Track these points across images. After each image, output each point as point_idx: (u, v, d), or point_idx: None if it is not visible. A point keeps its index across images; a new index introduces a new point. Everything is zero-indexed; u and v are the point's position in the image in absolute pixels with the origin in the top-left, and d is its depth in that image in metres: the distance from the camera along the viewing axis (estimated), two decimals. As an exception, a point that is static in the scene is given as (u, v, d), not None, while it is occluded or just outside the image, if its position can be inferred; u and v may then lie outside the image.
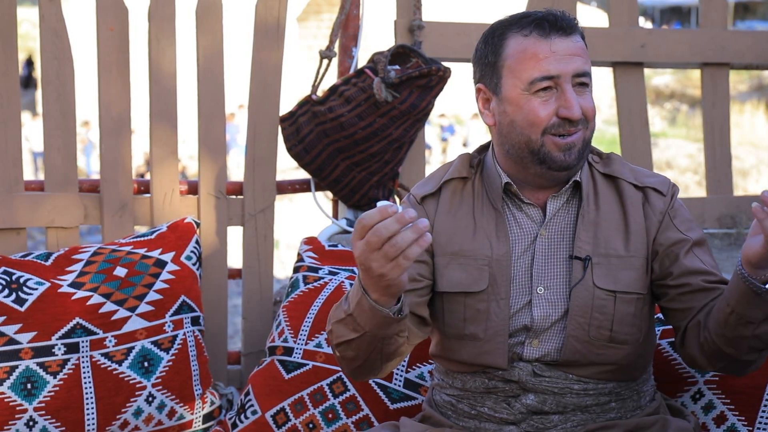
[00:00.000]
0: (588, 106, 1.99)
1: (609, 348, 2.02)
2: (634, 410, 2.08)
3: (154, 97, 3.07)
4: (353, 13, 3.28)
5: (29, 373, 2.55)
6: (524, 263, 2.05)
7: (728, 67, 3.80)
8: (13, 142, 2.94)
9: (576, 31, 2.00)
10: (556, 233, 2.06)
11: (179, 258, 2.80)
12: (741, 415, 2.14)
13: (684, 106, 20.63)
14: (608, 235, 2.04)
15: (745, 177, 15.52)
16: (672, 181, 2.12)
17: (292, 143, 3.17)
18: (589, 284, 2.01)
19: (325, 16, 19.55)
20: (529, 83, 1.97)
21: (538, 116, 1.97)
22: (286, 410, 2.61)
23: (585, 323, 2.00)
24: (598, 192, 2.08)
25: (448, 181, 2.14)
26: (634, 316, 2.03)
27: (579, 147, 2.00)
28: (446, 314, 2.09)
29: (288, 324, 2.72)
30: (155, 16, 3.06)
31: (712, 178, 3.81)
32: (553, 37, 1.97)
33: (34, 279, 2.65)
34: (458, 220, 2.10)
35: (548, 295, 2.03)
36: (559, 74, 1.96)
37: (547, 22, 1.97)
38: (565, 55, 1.96)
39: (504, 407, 2.05)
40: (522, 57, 1.98)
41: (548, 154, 1.99)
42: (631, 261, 2.03)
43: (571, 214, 2.07)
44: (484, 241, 2.06)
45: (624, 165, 2.12)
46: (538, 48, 1.97)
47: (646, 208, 2.06)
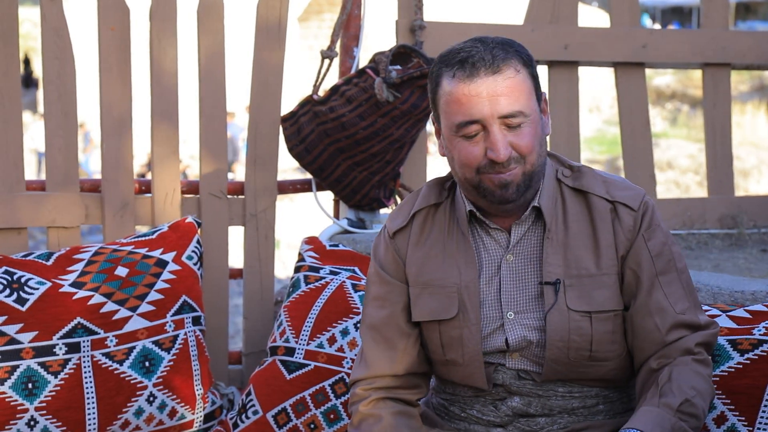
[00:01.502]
0: (521, 143, 1.93)
1: (590, 366, 2.02)
2: (624, 412, 2.08)
3: (155, 97, 3.07)
4: (354, 13, 3.28)
5: (30, 373, 2.55)
6: (493, 288, 2.05)
7: (729, 67, 3.80)
8: (15, 141, 2.94)
9: (506, 66, 1.93)
10: (523, 258, 2.04)
11: (180, 258, 2.80)
12: (741, 415, 2.14)
13: (685, 107, 20.60)
14: (578, 254, 2.01)
15: (746, 177, 15.51)
16: (646, 195, 2.06)
17: (293, 143, 3.17)
18: (563, 308, 1.99)
19: (326, 16, 19.54)
20: (456, 126, 1.95)
21: (467, 158, 1.95)
22: (288, 410, 2.60)
23: (564, 347, 1.99)
24: (567, 210, 2.04)
25: (418, 212, 2.13)
26: (612, 333, 2.01)
27: (517, 182, 1.96)
28: (427, 341, 2.11)
29: (289, 324, 2.72)
30: (156, 16, 3.06)
31: (713, 179, 3.81)
32: (476, 79, 1.91)
33: (35, 279, 2.65)
34: (428, 250, 2.10)
35: (520, 319, 2.02)
36: (483, 117, 1.92)
37: (468, 63, 1.92)
38: (488, 97, 1.91)
39: (491, 410, 2.07)
40: (448, 100, 1.95)
41: (487, 189, 1.97)
42: (603, 279, 2.00)
43: (537, 237, 2.04)
44: (452, 268, 2.07)
45: (595, 178, 2.06)
46: (461, 91, 1.93)
47: (615, 225, 2.02)
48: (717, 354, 2.21)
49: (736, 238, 3.76)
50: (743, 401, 2.14)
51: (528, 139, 1.94)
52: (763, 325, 2.22)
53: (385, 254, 2.14)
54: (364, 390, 2.10)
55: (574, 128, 3.67)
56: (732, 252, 3.62)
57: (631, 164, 3.72)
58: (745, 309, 2.29)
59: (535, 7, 3.61)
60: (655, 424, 1.85)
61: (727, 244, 3.74)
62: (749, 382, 2.15)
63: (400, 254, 2.12)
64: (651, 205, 2.05)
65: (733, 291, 2.62)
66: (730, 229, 3.79)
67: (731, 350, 2.19)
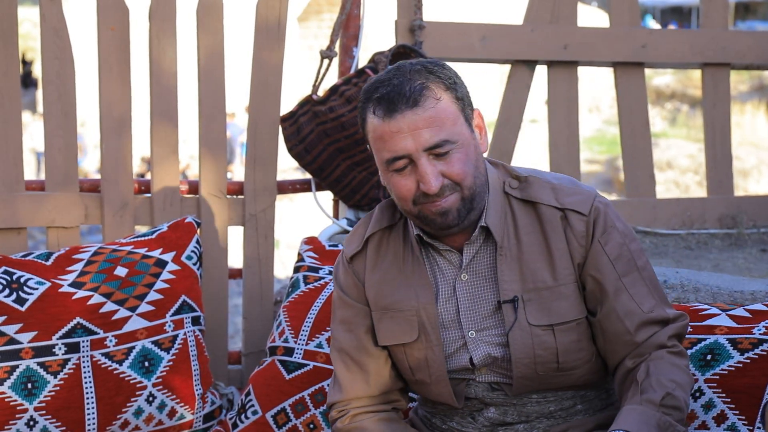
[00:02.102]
0: (452, 171, 1.92)
1: (561, 376, 2.02)
2: (603, 409, 2.09)
3: (154, 97, 3.07)
4: (354, 13, 3.28)
5: (30, 373, 2.55)
6: (451, 308, 2.05)
7: (729, 67, 3.80)
8: (14, 141, 2.94)
9: (424, 98, 1.90)
10: (478, 276, 2.04)
11: (180, 258, 2.80)
12: (741, 414, 2.14)
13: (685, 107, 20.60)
14: (534, 267, 2.00)
15: (745, 177, 15.51)
16: (597, 196, 2.04)
17: (292, 143, 3.17)
18: (524, 324, 1.99)
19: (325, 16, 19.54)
20: (385, 163, 1.94)
21: (402, 192, 1.95)
22: (287, 410, 2.61)
23: (530, 363, 1.99)
24: (517, 223, 2.02)
25: (372, 236, 2.12)
26: (578, 341, 2.01)
27: (456, 207, 1.95)
28: (396, 363, 2.12)
29: (289, 324, 2.72)
30: (156, 16, 3.06)
31: (713, 179, 3.81)
32: (396, 115, 1.89)
33: (34, 279, 2.65)
34: (384, 274, 2.10)
35: (483, 337, 2.03)
36: (407, 153, 1.90)
37: (385, 100, 1.90)
38: (410, 132, 1.89)
39: (469, 422, 2.08)
40: (374, 137, 1.95)
41: (427, 218, 1.96)
42: (560, 290, 1.99)
43: (490, 255, 2.03)
44: (409, 291, 2.06)
45: (544, 186, 2.04)
46: (384, 129, 1.91)
47: (568, 232, 2.00)
48: (717, 353, 2.21)
49: (735, 238, 3.76)
50: (743, 400, 2.14)
51: (459, 166, 1.92)
52: (763, 324, 2.22)
53: (345, 278, 2.15)
54: (339, 412, 2.12)
55: (573, 128, 3.67)
56: (732, 252, 3.62)
57: (631, 164, 3.73)
58: (745, 308, 2.30)
59: (534, 7, 3.61)
60: (641, 423, 1.85)
61: (727, 243, 3.74)
62: (749, 382, 2.15)
63: (359, 278, 2.12)
64: (602, 206, 2.02)
65: (732, 291, 2.63)
66: (730, 229, 3.79)
67: (731, 349, 2.20)
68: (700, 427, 2.18)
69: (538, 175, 2.06)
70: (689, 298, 2.65)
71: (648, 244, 3.68)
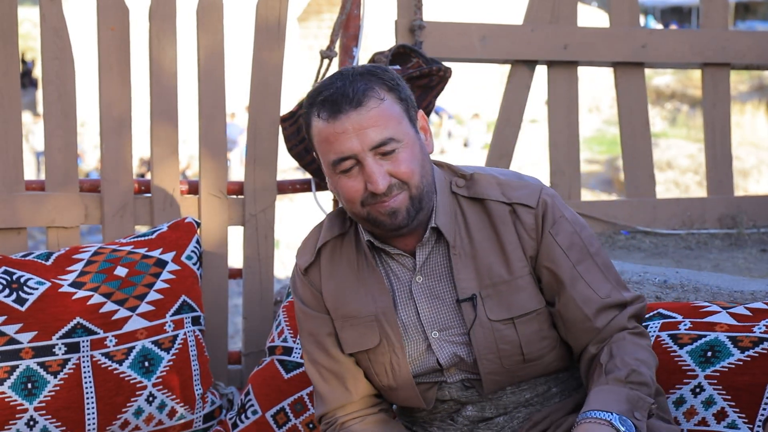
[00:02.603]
0: (399, 170, 1.92)
1: (527, 367, 2.03)
2: (578, 387, 2.10)
3: (154, 97, 3.07)
4: (354, 13, 3.28)
5: (30, 373, 2.55)
6: (410, 311, 2.05)
7: (729, 67, 3.80)
8: (14, 141, 2.94)
9: (367, 98, 1.91)
10: (433, 277, 2.04)
11: (180, 258, 2.80)
12: (741, 412, 2.14)
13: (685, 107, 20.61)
14: (488, 263, 2.00)
15: (745, 177, 15.51)
16: (544, 188, 2.05)
17: (292, 143, 3.16)
18: (485, 321, 2.00)
19: (325, 16, 19.55)
20: (332, 165, 1.95)
21: (349, 194, 1.95)
22: (286, 410, 2.61)
23: (495, 358, 2.00)
24: (467, 221, 2.04)
25: (324, 245, 2.12)
26: (539, 331, 2.02)
27: (405, 207, 1.95)
28: (363, 370, 2.12)
29: (288, 324, 2.72)
30: (156, 16, 3.06)
31: (713, 179, 3.81)
32: (340, 116, 1.91)
33: (34, 279, 2.65)
34: (340, 282, 2.10)
35: (446, 337, 2.03)
36: (354, 152, 1.91)
37: (328, 102, 1.92)
38: (355, 132, 1.90)
39: (450, 423, 2.08)
40: (319, 140, 1.96)
41: (376, 219, 1.96)
42: (517, 282, 2.00)
43: (443, 255, 2.04)
44: (366, 297, 2.06)
45: (490, 182, 2.05)
46: (329, 131, 1.93)
47: (518, 226, 2.01)
48: (718, 350, 2.21)
49: (735, 238, 3.76)
50: (744, 398, 2.14)
51: (406, 165, 1.93)
52: (764, 323, 2.22)
53: (303, 290, 2.14)
54: (326, 424, 2.13)
55: (573, 128, 3.67)
56: (731, 252, 3.62)
57: (631, 164, 3.73)
58: (746, 306, 2.30)
59: (534, 7, 3.61)
60: (610, 401, 1.86)
61: (727, 243, 3.74)
62: (750, 380, 2.16)
63: (316, 288, 2.12)
64: (549, 198, 2.04)
65: (732, 291, 2.63)
66: (730, 229, 3.79)
67: (732, 347, 2.20)
68: (700, 423, 2.18)
69: (483, 171, 2.08)
70: (689, 298, 2.65)
71: (648, 244, 3.68)
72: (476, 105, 20.96)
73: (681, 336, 2.29)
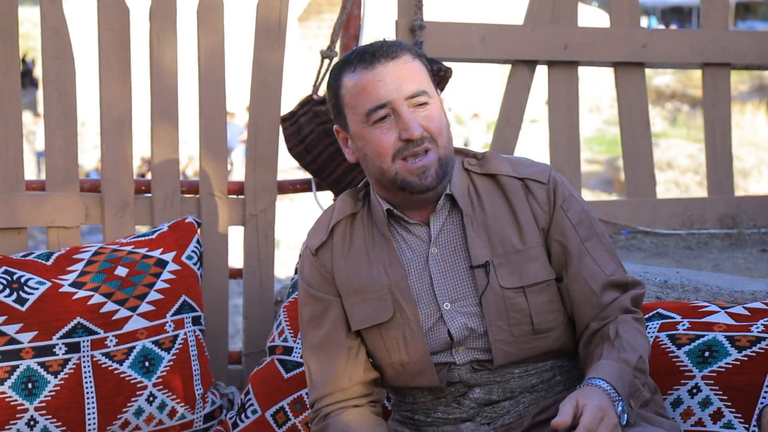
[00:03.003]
0: (431, 124, 2.00)
1: (536, 339, 2.05)
2: (580, 378, 2.10)
3: (155, 97, 3.07)
4: (354, 13, 3.28)
5: (30, 373, 2.55)
6: (425, 283, 2.07)
7: (729, 67, 3.80)
8: (14, 141, 2.94)
9: (402, 53, 2.01)
10: (447, 248, 2.08)
11: (180, 258, 2.80)
12: (738, 412, 2.15)
13: (685, 107, 20.61)
14: (501, 233, 2.06)
15: (746, 177, 15.51)
16: (552, 170, 2.13)
17: (293, 143, 3.17)
18: (496, 287, 2.03)
19: (326, 15, 19.54)
20: (366, 115, 2.01)
21: (382, 145, 2.00)
22: (286, 409, 2.61)
23: (504, 325, 2.03)
24: (480, 194, 2.09)
25: (337, 224, 2.15)
26: (550, 302, 2.06)
27: (434, 168, 2.01)
28: (371, 348, 2.13)
29: (288, 324, 2.72)
30: (156, 16, 3.06)
31: (713, 179, 3.81)
32: (376, 66, 2.00)
33: (35, 279, 2.65)
34: (353, 258, 2.12)
35: (458, 308, 2.05)
36: (390, 99, 1.98)
37: (367, 53, 2.01)
38: (392, 80, 1.99)
39: (455, 407, 2.09)
40: (354, 92, 2.02)
41: (404, 180, 2.01)
42: (530, 252, 2.06)
43: (457, 225, 2.08)
44: (379, 270, 2.09)
45: (502, 160, 2.13)
46: (365, 80, 2.00)
47: (530, 199, 2.08)
48: (715, 350, 2.22)
49: (735, 238, 3.76)
50: (740, 398, 2.14)
51: (437, 120, 2.01)
52: (762, 322, 2.23)
53: (311, 273, 2.16)
54: (314, 411, 2.14)
55: (574, 128, 3.67)
56: (732, 252, 3.62)
57: (631, 164, 3.73)
58: (744, 306, 2.30)
59: (535, 7, 3.61)
60: (618, 378, 1.90)
61: (727, 244, 3.74)
62: (746, 379, 2.16)
63: (326, 269, 2.14)
64: (560, 177, 2.13)
65: (732, 291, 2.63)
66: (730, 229, 3.79)
67: (729, 347, 2.20)
68: (696, 424, 2.19)
69: (494, 152, 2.16)
70: (689, 298, 2.66)
71: (648, 244, 3.68)
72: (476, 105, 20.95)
73: (679, 336, 2.29)
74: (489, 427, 2.07)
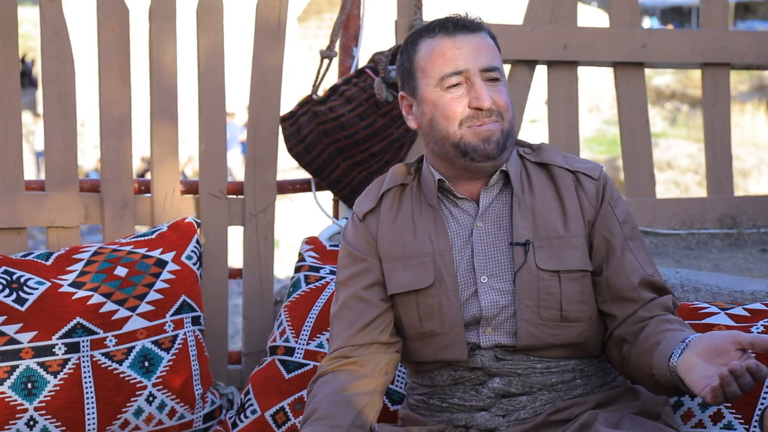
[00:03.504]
0: (500, 100, 2.06)
1: (562, 327, 2.06)
2: (600, 386, 2.12)
3: (154, 97, 3.07)
4: (354, 13, 3.28)
5: (30, 373, 2.55)
6: (465, 256, 2.11)
7: (729, 67, 3.80)
8: (14, 141, 2.94)
9: (481, 29, 2.10)
10: (493, 224, 2.12)
11: (180, 258, 2.80)
12: (738, 413, 2.14)
13: (685, 106, 20.59)
14: (546, 218, 2.10)
15: (745, 177, 15.50)
16: (603, 170, 2.18)
17: (292, 143, 3.16)
18: (533, 267, 2.06)
19: (325, 15, 19.53)
20: (440, 79, 2.06)
21: (452, 110, 2.06)
22: (286, 410, 2.61)
23: (534, 305, 2.05)
24: (531, 179, 2.14)
25: (387, 192, 2.20)
26: (581, 293, 2.07)
27: (498, 137, 2.06)
28: (403, 316, 2.14)
29: (290, 324, 2.72)
30: (156, 16, 3.06)
31: (713, 179, 3.81)
32: (457, 35, 2.07)
33: (34, 279, 2.65)
34: (399, 225, 2.16)
35: (493, 283, 2.08)
36: (467, 68, 2.05)
37: (450, 22, 2.09)
38: (471, 51, 2.06)
39: (473, 395, 2.10)
40: (431, 56, 2.08)
41: (468, 144, 2.06)
42: (571, 240, 2.08)
43: (505, 203, 2.13)
44: (424, 239, 2.12)
45: (556, 152, 2.18)
46: (444, 46, 2.07)
47: (579, 192, 2.12)
48: (716, 352, 2.21)
49: (735, 238, 3.76)
50: (740, 399, 2.14)
51: (505, 97, 2.08)
52: (762, 323, 2.22)
53: (356, 237, 2.20)
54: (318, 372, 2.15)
55: (573, 128, 3.67)
56: (731, 252, 3.62)
57: (631, 164, 3.72)
58: (744, 307, 2.30)
59: (534, 7, 3.61)
60: None
61: (727, 243, 3.74)
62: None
63: (371, 234, 2.18)
64: (610, 177, 2.17)
65: (732, 291, 2.63)
66: (730, 229, 3.79)
67: (730, 349, 2.19)
68: (697, 425, 2.18)
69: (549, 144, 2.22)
70: (689, 298, 2.66)
71: (648, 244, 3.68)
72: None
73: (680, 337, 2.28)
74: (503, 419, 2.07)
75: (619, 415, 2.01)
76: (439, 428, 2.12)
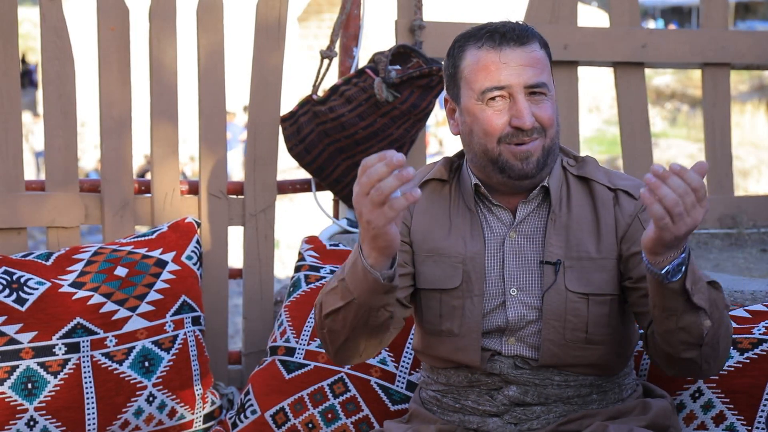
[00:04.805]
0: (544, 115, 2.00)
1: (586, 349, 2.05)
2: (616, 402, 2.11)
3: (155, 97, 3.07)
4: (354, 13, 3.28)
5: (30, 373, 2.55)
6: (496, 264, 2.08)
7: (729, 67, 3.80)
8: (14, 141, 2.94)
9: (531, 41, 2.01)
10: (526, 237, 2.08)
11: (180, 258, 2.80)
12: (740, 414, 2.14)
13: (685, 106, 20.60)
14: (580, 237, 2.06)
15: (745, 177, 15.50)
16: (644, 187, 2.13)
17: (292, 143, 3.16)
18: (561, 288, 2.03)
19: (326, 16, 19.53)
20: (481, 93, 2.01)
21: (491, 125, 2.00)
22: (286, 410, 2.60)
23: (560, 326, 2.03)
24: (570, 194, 2.10)
25: (428, 181, 2.17)
26: (608, 316, 2.05)
27: (538, 156, 2.01)
28: (424, 310, 2.13)
29: (290, 324, 2.72)
30: (156, 16, 3.06)
31: (713, 179, 3.81)
32: (504, 48, 2.00)
33: (34, 279, 2.65)
34: (434, 219, 2.13)
35: (522, 297, 2.06)
36: (510, 84, 1.99)
37: (498, 33, 2.01)
38: (516, 66, 1.99)
39: (487, 399, 2.08)
40: (475, 68, 2.02)
41: (506, 162, 2.02)
42: (602, 263, 2.05)
43: (541, 218, 2.09)
44: (458, 239, 2.10)
45: (598, 168, 2.14)
46: (489, 59, 2.00)
47: (616, 210, 2.07)
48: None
49: (735, 238, 3.76)
50: (742, 400, 2.14)
51: (550, 113, 2.01)
52: (763, 324, 2.22)
53: None
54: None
55: (573, 128, 3.67)
56: (731, 252, 3.62)
57: (631, 164, 3.72)
58: (745, 309, 2.30)
59: (534, 7, 3.61)
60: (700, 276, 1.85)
61: (727, 243, 3.74)
62: (749, 381, 2.16)
63: (406, 218, 2.14)
64: None
65: (732, 291, 2.63)
66: (730, 229, 3.78)
67: (731, 349, 2.19)
68: (699, 427, 2.18)
69: (593, 158, 2.16)
70: (689, 298, 2.65)
71: (648, 244, 3.68)
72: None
73: (681, 337, 2.28)
74: (515, 427, 2.06)
75: (627, 427, 2.00)
76: (449, 428, 2.11)
